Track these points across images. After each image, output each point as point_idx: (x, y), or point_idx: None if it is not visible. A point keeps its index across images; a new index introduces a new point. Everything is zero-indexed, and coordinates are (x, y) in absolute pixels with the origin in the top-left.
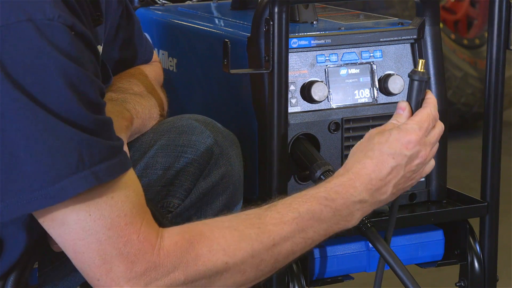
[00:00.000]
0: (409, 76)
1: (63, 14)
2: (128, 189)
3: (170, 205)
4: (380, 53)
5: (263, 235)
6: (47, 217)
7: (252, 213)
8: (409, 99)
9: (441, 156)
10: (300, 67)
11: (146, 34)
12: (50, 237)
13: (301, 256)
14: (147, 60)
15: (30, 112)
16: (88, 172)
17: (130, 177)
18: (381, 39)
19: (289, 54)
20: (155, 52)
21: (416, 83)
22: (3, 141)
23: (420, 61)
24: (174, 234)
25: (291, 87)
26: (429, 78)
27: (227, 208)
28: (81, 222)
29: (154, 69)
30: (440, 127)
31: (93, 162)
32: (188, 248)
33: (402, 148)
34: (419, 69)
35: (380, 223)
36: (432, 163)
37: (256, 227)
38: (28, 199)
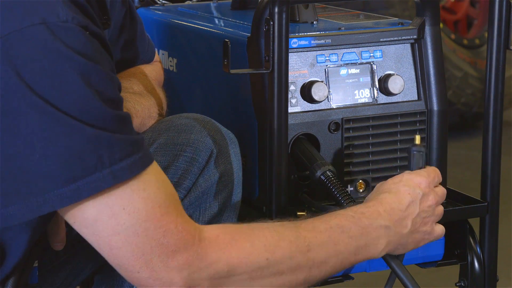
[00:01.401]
0: (408, 149)
1: (76, 15)
2: (158, 180)
3: None
4: (380, 53)
5: (299, 239)
6: (78, 217)
7: (286, 221)
8: (409, 169)
9: (441, 156)
10: (300, 67)
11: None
12: (51, 236)
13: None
14: (149, 60)
15: (47, 115)
16: (108, 171)
17: (157, 169)
18: (381, 39)
19: (289, 54)
20: (156, 52)
21: (415, 153)
22: (17, 143)
23: (417, 136)
24: (213, 229)
25: (291, 87)
26: (426, 150)
27: (226, 207)
28: (116, 217)
29: (154, 69)
30: (443, 189)
31: (114, 160)
32: (231, 241)
33: (415, 186)
34: (417, 143)
35: None
36: (442, 229)
37: (293, 231)
38: (42, 201)
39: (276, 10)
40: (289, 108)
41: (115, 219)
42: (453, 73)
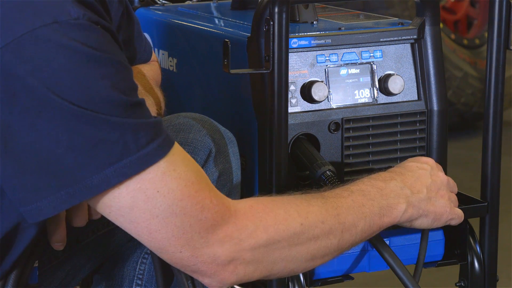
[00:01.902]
0: None
1: (87, 12)
2: (184, 158)
3: None
4: (380, 53)
5: (327, 204)
6: (113, 206)
7: (310, 193)
8: None
9: (441, 156)
10: (300, 67)
11: (146, 34)
12: (51, 236)
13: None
14: (146, 59)
15: (68, 112)
16: (135, 156)
17: (179, 148)
18: (381, 39)
19: (289, 54)
20: (153, 52)
21: None
22: (42, 138)
23: None
24: (246, 201)
25: (291, 87)
26: None
27: None
28: (151, 201)
29: (152, 68)
30: (453, 181)
31: (141, 144)
32: (265, 210)
33: (423, 162)
34: None
35: None
36: (462, 212)
37: (320, 198)
38: (72, 192)
39: (276, 10)
40: (289, 108)
41: (151, 203)
42: (453, 73)
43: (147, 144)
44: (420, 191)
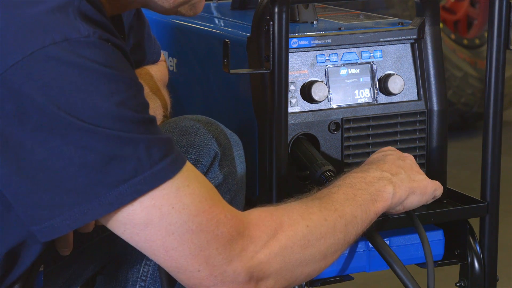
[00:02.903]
0: None
1: (97, 30)
2: (196, 175)
3: None
4: (380, 53)
5: (324, 203)
6: (128, 224)
7: (302, 197)
8: None
9: (441, 156)
10: (300, 67)
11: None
12: (58, 242)
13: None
14: (155, 60)
15: (79, 130)
16: (149, 172)
17: (191, 165)
18: (381, 39)
19: (289, 54)
20: (162, 52)
21: None
22: (54, 157)
23: None
24: (253, 211)
25: (291, 87)
26: None
27: None
28: (166, 217)
29: (160, 69)
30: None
31: (154, 161)
32: (272, 217)
33: (385, 151)
34: None
35: (380, 223)
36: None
37: (314, 199)
38: (86, 209)
39: (276, 10)
40: (289, 108)
41: (166, 220)
42: (453, 73)
43: (160, 160)
44: (398, 172)
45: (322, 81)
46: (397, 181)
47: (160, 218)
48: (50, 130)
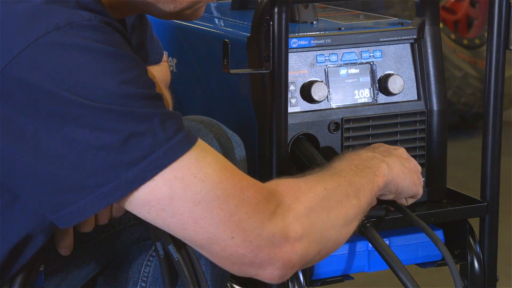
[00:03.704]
0: None
1: (98, 15)
2: (210, 148)
3: None
4: (380, 53)
5: (332, 173)
6: (152, 201)
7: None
8: None
9: (441, 156)
10: (300, 67)
11: None
12: (59, 242)
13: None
14: (157, 61)
15: (90, 110)
16: (166, 146)
17: (201, 140)
18: (381, 39)
19: (289, 54)
20: (165, 53)
21: None
22: (71, 141)
23: None
24: (270, 182)
25: (291, 87)
26: None
27: None
28: (190, 187)
29: (162, 69)
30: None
31: (170, 134)
32: (290, 184)
33: (371, 146)
34: None
35: (380, 223)
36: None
37: (322, 171)
38: (108, 190)
39: (276, 10)
40: (289, 108)
41: (190, 189)
42: (453, 73)
43: (175, 134)
44: (389, 155)
45: (322, 81)
46: (389, 161)
47: (184, 189)
48: (63, 116)
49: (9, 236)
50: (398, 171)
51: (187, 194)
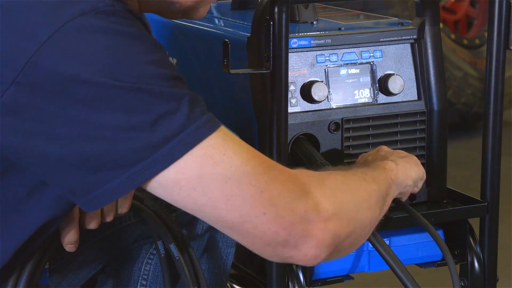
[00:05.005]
0: None
1: (119, 3)
2: (230, 131)
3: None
4: (380, 53)
5: (338, 168)
6: (182, 181)
7: None
8: None
9: (441, 156)
10: (300, 67)
11: None
12: (64, 238)
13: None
14: None
15: (122, 91)
16: (194, 126)
17: None
18: (381, 39)
19: (289, 54)
20: None
21: None
22: (103, 122)
23: None
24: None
25: (291, 87)
26: None
27: None
28: (220, 164)
29: None
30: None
31: (198, 113)
32: (308, 172)
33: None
34: None
35: (379, 223)
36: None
37: (336, 168)
38: (141, 169)
39: (276, 10)
40: (289, 108)
41: (220, 166)
42: (453, 73)
43: (202, 115)
44: (388, 155)
45: (322, 81)
46: (391, 158)
47: (213, 166)
48: (93, 100)
49: (34, 220)
50: (403, 163)
51: (217, 171)
